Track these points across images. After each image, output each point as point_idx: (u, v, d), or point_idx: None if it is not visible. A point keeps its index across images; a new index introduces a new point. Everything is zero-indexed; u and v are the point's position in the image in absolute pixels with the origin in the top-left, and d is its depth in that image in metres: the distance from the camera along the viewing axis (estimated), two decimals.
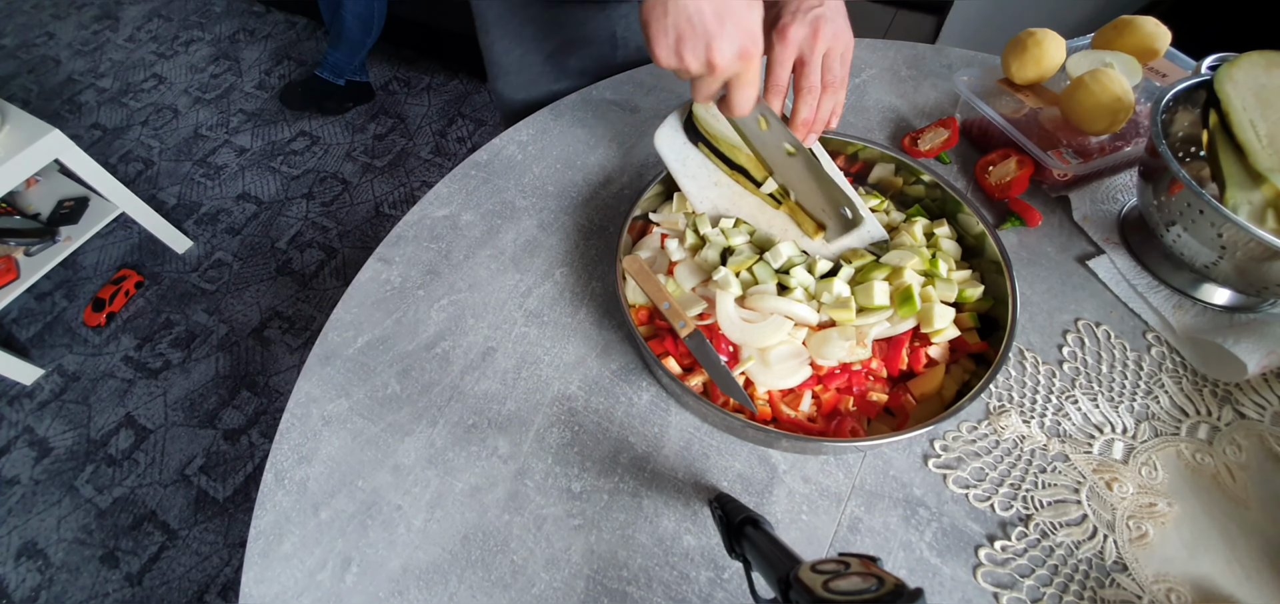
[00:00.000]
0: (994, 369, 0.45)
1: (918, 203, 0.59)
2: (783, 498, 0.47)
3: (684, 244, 0.55)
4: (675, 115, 0.58)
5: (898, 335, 0.48)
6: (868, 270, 0.50)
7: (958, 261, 0.54)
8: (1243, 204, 0.49)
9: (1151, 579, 0.43)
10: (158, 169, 1.97)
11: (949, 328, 0.48)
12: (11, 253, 1.50)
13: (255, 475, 1.33)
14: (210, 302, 1.63)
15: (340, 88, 2.01)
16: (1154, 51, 0.65)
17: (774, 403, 0.48)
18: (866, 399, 0.48)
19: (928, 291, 0.49)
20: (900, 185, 0.60)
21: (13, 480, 1.35)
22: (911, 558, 0.44)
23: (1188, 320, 0.54)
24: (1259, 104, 0.51)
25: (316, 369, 0.54)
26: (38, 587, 1.22)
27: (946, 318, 0.47)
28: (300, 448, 0.50)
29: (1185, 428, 0.49)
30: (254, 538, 0.46)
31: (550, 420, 0.51)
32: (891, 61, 0.79)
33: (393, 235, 0.63)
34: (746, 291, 0.50)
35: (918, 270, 0.50)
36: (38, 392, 1.48)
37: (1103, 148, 0.61)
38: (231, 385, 1.47)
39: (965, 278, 0.52)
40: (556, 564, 0.45)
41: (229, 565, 1.22)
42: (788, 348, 0.48)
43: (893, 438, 0.43)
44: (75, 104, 2.22)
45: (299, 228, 1.78)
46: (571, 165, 0.69)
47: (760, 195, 0.56)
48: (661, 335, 0.51)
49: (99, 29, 2.53)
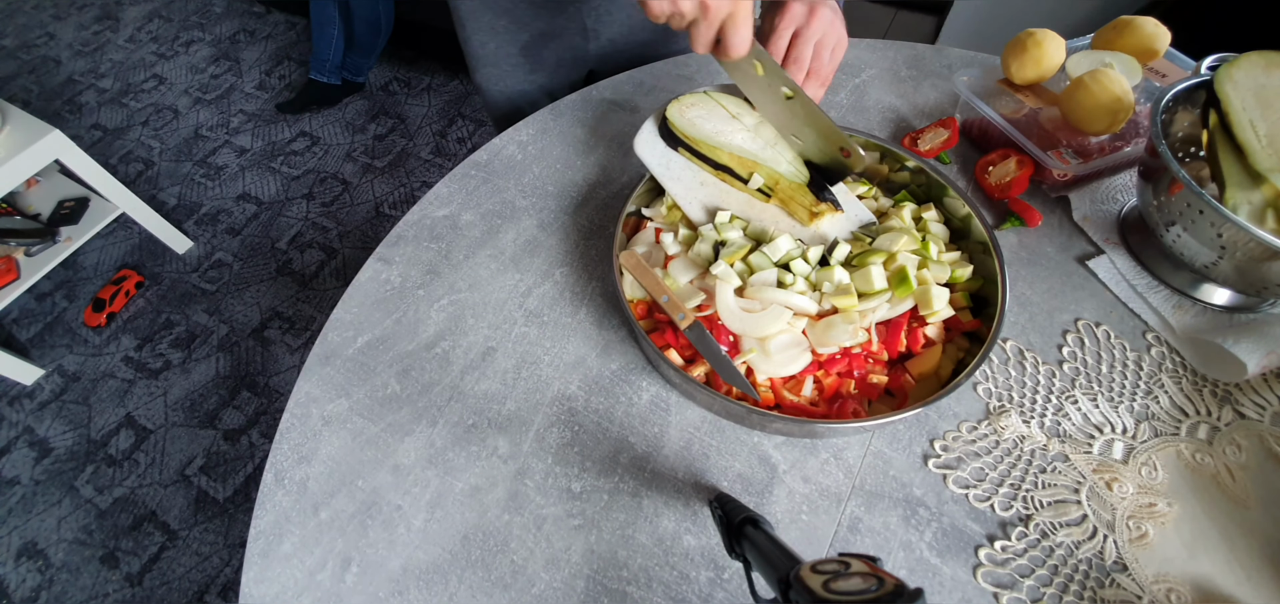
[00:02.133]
0: (990, 342, 0.46)
1: (904, 189, 0.60)
2: (783, 498, 0.47)
3: (678, 238, 0.55)
4: (651, 121, 0.58)
5: (896, 318, 0.49)
6: (863, 256, 0.50)
7: (946, 244, 0.55)
8: (1242, 204, 0.49)
9: (1151, 579, 0.43)
10: (158, 169, 1.98)
11: (944, 308, 0.48)
12: (12, 253, 1.50)
13: (255, 475, 1.33)
14: (210, 302, 1.63)
15: (337, 87, 2.03)
16: (1154, 52, 0.65)
17: (776, 389, 0.48)
18: (867, 381, 0.49)
19: (923, 274, 0.49)
20: (887, 172, 0.61)
21: (13, 481, 1.35)
22: (911, 558, 0.44)
23: (1188, 320, 0.54)
24: (1259, 104, 0.51)
25: (316, 369, 0.54)
26: (38, 587, 1.22)
27: (943, 298, 0.48)
28: (300, 448, 0.50)
29: (1185, 428, 0.49)
30: (254, 538, 0.46)
31: (550, 420, 0.51)
32: (891, 62, 0.79)
33: (393, 235, 0.63)
34: (745, 282, 0.50)
35: (910, 251, 0.51)
36: (38, 392, 1.48)
37: (1102, 148, 0.61)
38: (232, 385, 1.47)
39: (955, 259, 0.53)
40: (556, 564, 0.45)
41: (229, 566, 1.22)
42: (788, 336, 0.48)
43: (896, 416, 0.43)
44: (76, 104, 2.22)
45: (299, 228, 1.78)
46: (571, 165, 0.69)
47: (748, 191, 0.56)
48: (661, 329, 0.51)
49: (99, 29, 2.53)
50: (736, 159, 0.55)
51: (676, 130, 0.56)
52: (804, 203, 0.54)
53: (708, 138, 0.56)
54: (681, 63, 0.80)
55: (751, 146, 0.56)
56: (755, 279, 0.50)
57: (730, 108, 0.58)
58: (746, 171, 0.55)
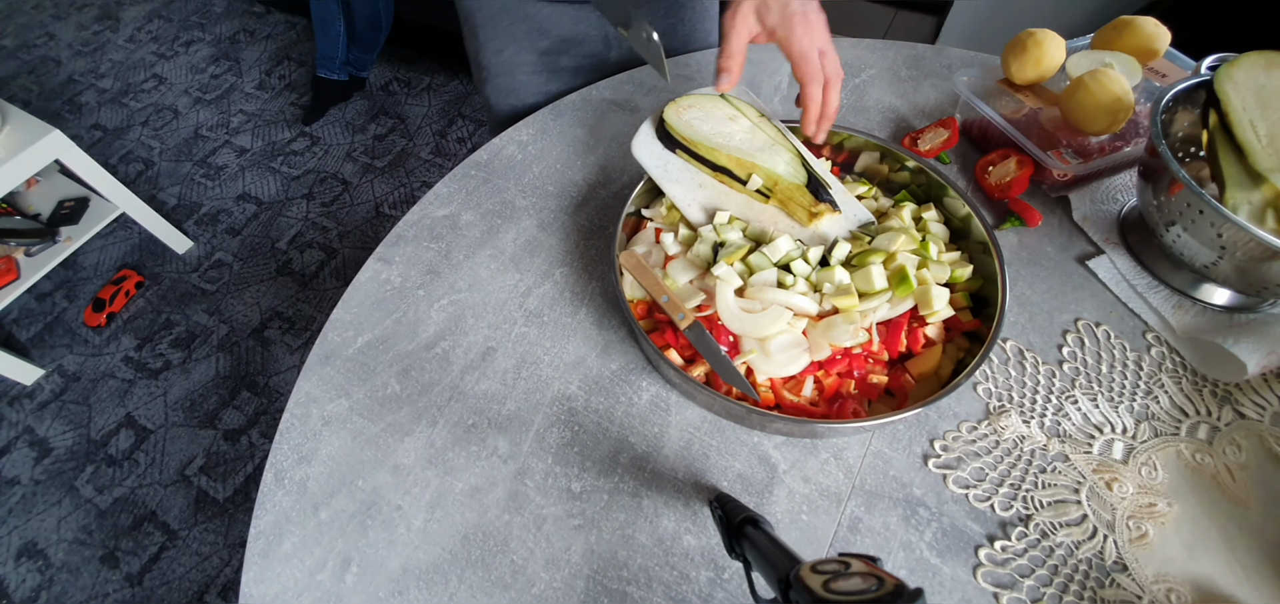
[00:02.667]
0: (990, 342, 0.46)
1: (904, 189, 0.60)
2: (783, 498, 0.47)
3: (678, 238, 0.55)
4: (648, 123, 0.58)
5: (897, 317, 0.49)
6: (863, 256, 0.50)
7: (946, 244, 0.55)
8: (1242, 204, 0.49)
9: (1151, 579, 0.43)
10: (158, 169, 1.97)
11: (944, 308, 0.48)
12: (12, 253, 1.50)
13: (255, 475, 1.33)
14: (210, 302, 1.63)
15: (344, 82, 2.04)
16: (1154, 52, 0.65)
17: (776, 389, 0.48)
18: (867, 382, 0.49)
19: (923, 274, 0.49)
20: (886, 172, 0.61)
21: (13, 481, 1.35)
22: (911, 558, 0.44)
23: (1188, 320, 0.54)
24: (1259, 104, 0.51)
25: (316, 369, 0.54)
26: (38, 587, 1.22)
27: (943, 298, 0.48)
28: (300, 448, 0.50)
29: (1185, 428, 0.49)
30: (254, 538, 0.46)
31: (550, 420, 0.51)
32: (891, 62, 0.79)
33: (393, 235, 0.63)
34: (746, 283, 0.50)
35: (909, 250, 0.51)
36: (38, 392, 1.48)
37: (1102, 148, 0.61)
38: (232, 385, 1.47)
39: (955, 259, 0.53)
40: (556, 564, 0.45)
41: (229, 565, 1.22)
42: (787, 337, 0.48)
43: (896, 416, 0.43)
44: (76, 104, 2.22)
45: (299, 228, 1.78)
46: (571, 165, 0.69)
47: (747, 192, 0.56)
48: (661, 329, 0.51)
49: (99, 29, 2.53)
50: (734, 160, 0.55)
51: (674, 132, 0.56)
52: (803, 203, 0.54)
53: (705, 139, 0.56)
54: (681, 63, 0.80)
55: (749, 147, 0.56)
56: (755, 279, 0.50)
57: (727, 109, 0.58)
58: (744, 173, 0.55)
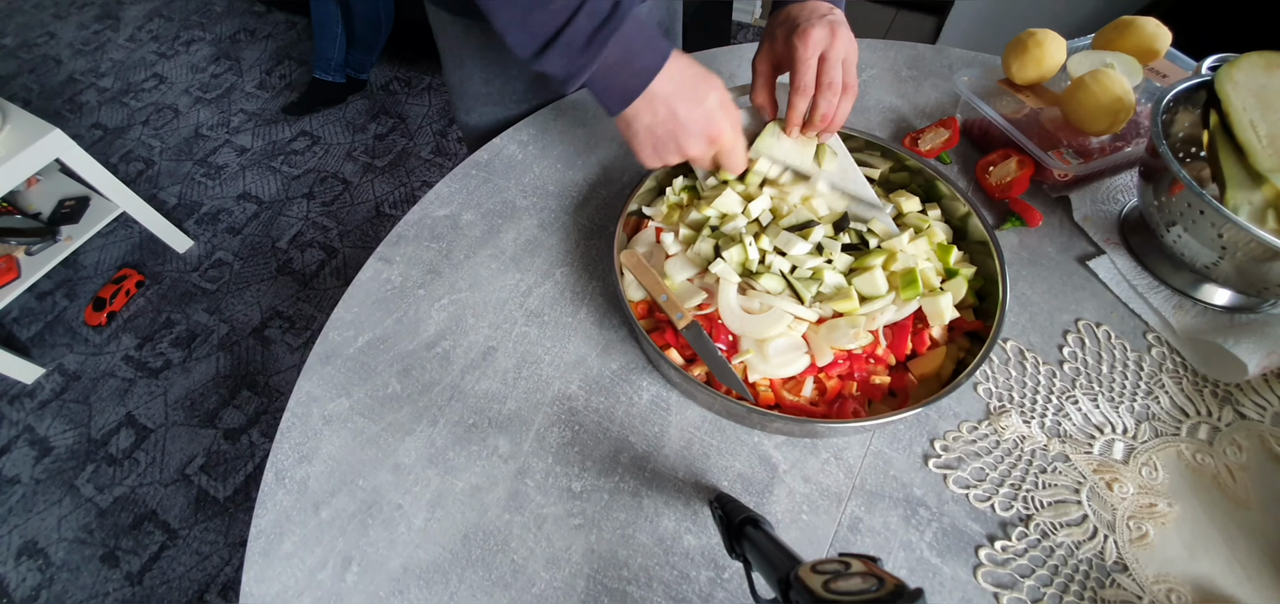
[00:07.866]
0: (990, 342, 0.46)
1: (903, 189, 0.60)
2: (783, 498, 0.47)
3: (678, 237, 0.55)
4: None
5: (903, 319, 0.49)
6: (864, 259, 0.50)
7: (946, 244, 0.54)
8: (1243, 204, 0.49)
9: (1152, 579, 0.43)
10: (158, 169, 1.97)
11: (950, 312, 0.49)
12: (12, 252, 1.50)
13: (255, 475, 1.33)
14: (211, 301, 1.63)
15: (341, 85, 2.04)
16: (1154, 52, 0.65)
17: (776, 389, 0.48)
18: (869, 383, 0.49)
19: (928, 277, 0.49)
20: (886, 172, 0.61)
21: (13, 480, 1.35)
22: (912, 558, 0.44)
23: (1188, 321, 0.54)
24: (1259, 104, 0.51)
25: (317, 368, 0.54)
26: (38, 586, 1.22)
27: (949, 303, 0.48)
28: (301, 447, 0.50)
29: (1185, 428, 0.49)
30: (254, 537, 0.46)
31: (550, 420, 0.51)
32: (892, 62, 0.79)
33: (393, 235, 0.63)
34: (747, 282, 0.50)
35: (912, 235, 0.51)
36: (38, 391, 1.48)
37: (1103, 148, 0.61)
38: (232, 385, 1.47)
39: (957, 259, 0.53)
40: (557, 563, 0.45)
41: (229, 565, 1.22)
42: (786, 340, 0.48)
43: (896, 416, 0.43)
44: (76, 103, 2.22)
45: (299, 227, 1.78)
46: (572, 165, 0.69)
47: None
48: (662, 328, 0.51)
49: (100, 29, 2.53)
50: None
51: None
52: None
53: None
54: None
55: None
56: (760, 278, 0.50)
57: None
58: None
